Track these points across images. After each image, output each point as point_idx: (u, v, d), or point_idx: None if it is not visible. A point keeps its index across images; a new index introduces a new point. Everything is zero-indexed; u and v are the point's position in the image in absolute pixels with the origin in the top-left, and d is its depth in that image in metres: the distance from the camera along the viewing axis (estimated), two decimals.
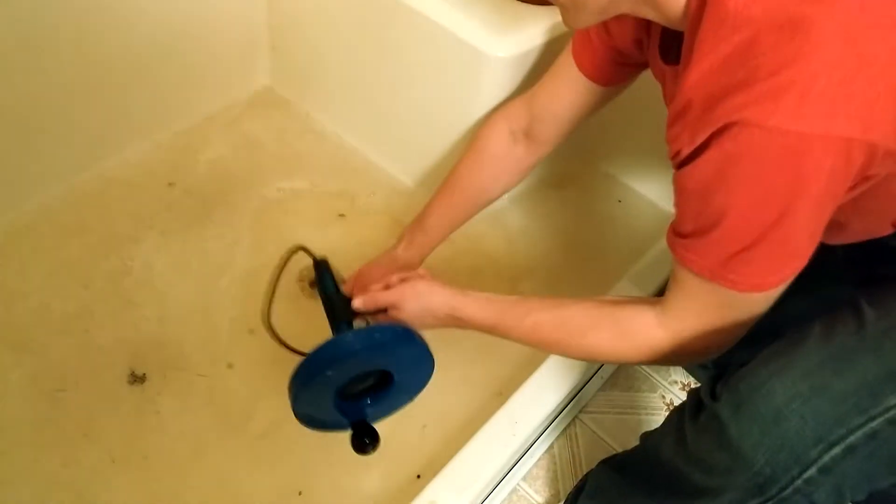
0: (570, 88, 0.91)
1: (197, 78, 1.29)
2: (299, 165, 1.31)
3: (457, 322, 0.81)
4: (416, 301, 0.81)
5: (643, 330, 0.70)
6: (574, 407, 1.05)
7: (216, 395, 0.99)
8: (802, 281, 0.73)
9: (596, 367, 1.03)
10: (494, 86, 1.08)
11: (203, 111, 1.33)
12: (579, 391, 1.04)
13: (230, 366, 1.02)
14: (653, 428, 0.80)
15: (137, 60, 1.16)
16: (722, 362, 0.69)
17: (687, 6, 0.62)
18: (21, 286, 1.05)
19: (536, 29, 1.05)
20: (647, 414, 1.09)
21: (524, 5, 1.08)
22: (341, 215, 1.24)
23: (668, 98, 0.76)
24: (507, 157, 0.98)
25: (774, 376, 0.62)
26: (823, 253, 0.78)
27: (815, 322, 0.65)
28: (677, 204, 0.65)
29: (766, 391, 0.62)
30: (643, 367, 1.15)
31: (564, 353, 0.78)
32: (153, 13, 1.13)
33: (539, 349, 0.79)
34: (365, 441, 0.77)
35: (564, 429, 1.05)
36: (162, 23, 1.15)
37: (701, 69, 0.58)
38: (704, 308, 0.67)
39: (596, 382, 1.09)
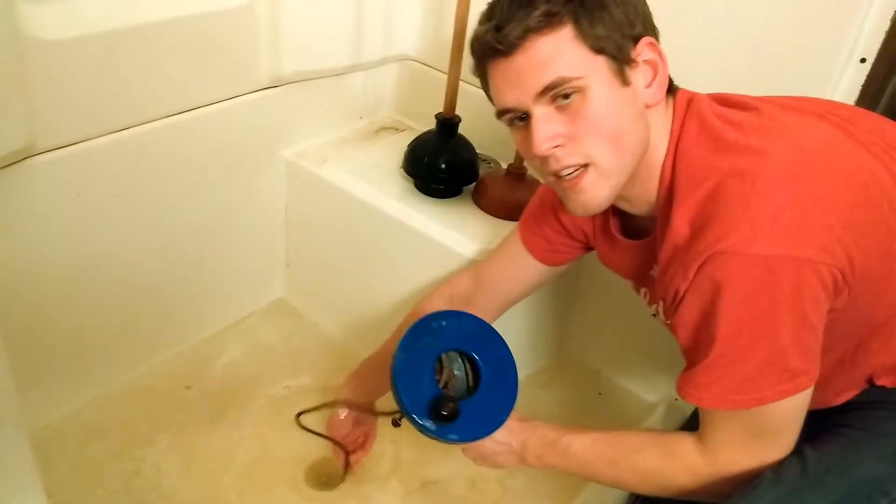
0: (517, 266, 1.00)
1: (220, 295, 1.45)
2: (306, 366, 1.44)
3: (525, 431, 0.85)
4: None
5: (686, 454, 0.76)
6: None
7: None
8: None
9: None
10: None
11: (223, 321, 1.48)
12: None
13: None
14: None
15: (166, 275, 1.31)
16: None
17: (660, 184, 0.75)
18: (48, 484, 1.12)
19: None
20: None
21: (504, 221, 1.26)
22: None
23: (628, 270, 0.88)
24: None
25: None
26: None
27: (767, 469, 0.73)
28: (681, 343, 0.73)
29: None
30: None
31: (616, 470, 0.81)
32: (184, 236, 1.31)
33: (591, 470, 0.83)
34: (443, 412, 0.79)
35: None
36: (190, 245, 1.33)
37: (682, 218, 0.70)
38: (731, 433, 0.73)
39: None
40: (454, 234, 1.22)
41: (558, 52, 0.68)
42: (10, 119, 0.96)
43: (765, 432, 0.72)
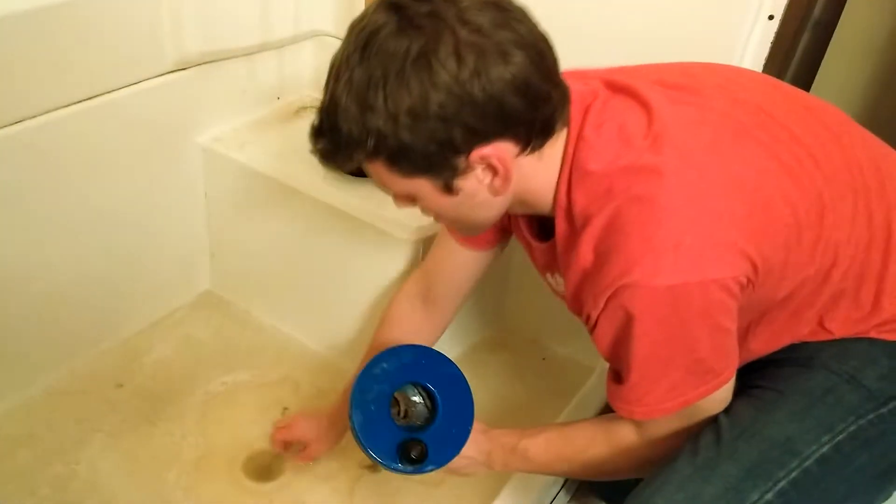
0: (453, 257, 1.02)
1: (143, 290, 1.40)
2: (241, 359, 1.40)
3: (487, 443, 0.90)
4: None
5: (630, 446, 0.80)
6: None
7: None
8: None
9: None
10: (401, 264, 1.22)
11: (148, 318, 1.43)
12: None
13: None
14: None
15: (82, 274, 1.26)
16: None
17: (556, 208, 0.75)
18: None
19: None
20: None
21: None
22: (286, 408, 1.31)
23: (540, 263, 0.88)
24: (410, 324, 1.09)
25: (656, 493, 0.72)
26: None
27: (686, 442, 0.75)
28: (603, 357, 0.76)
29: None
30: None
31: (571, 466, 0.86)
32: (99, 232, 1.26)
33: (550, 470, 0.90)
34: (411, 455, 0.85)
35: None
36: (107, 240, 1.28)
37: (587, 244, 0.70)
38: (667, 428, 0.77)
39: None
40: (382, 212, 1.20)
41: (384, 177, 0.73)
42: None
43: (698, 418, 0.76)
